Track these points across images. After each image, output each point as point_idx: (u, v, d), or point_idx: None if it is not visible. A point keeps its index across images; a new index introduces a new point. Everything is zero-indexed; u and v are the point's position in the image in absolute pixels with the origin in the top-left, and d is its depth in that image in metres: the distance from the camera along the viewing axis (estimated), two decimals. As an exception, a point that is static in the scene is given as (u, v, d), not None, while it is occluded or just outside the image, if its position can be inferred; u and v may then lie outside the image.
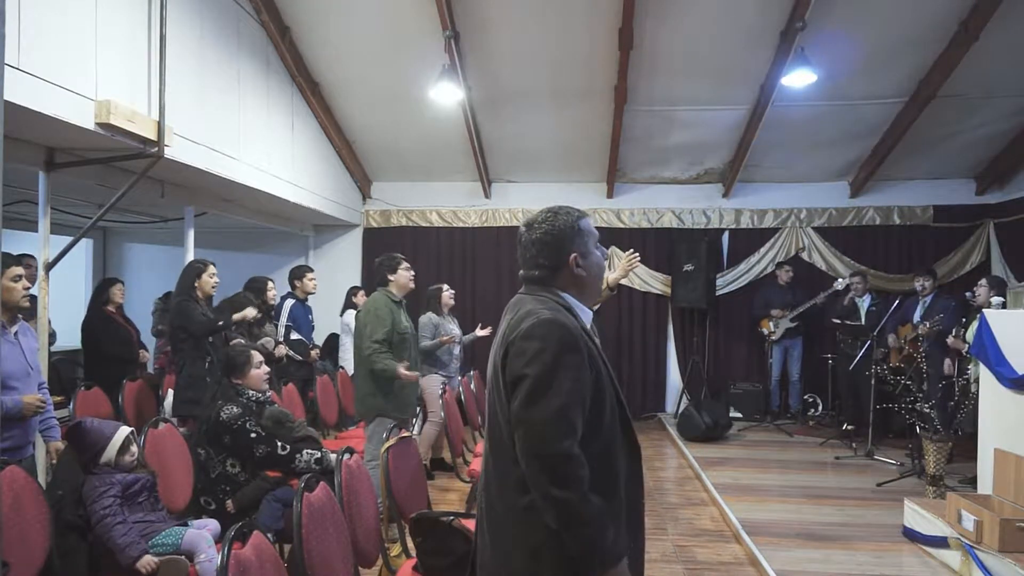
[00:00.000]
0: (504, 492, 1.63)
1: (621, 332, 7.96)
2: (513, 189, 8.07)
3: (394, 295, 4.27)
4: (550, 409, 1.51)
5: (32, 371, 3.14)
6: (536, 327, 1.59)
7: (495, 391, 1.66)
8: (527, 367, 1.55)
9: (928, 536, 3.89)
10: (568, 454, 1.50)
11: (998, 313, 4.19)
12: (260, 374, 3.47)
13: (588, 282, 1.77)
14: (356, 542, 2.61)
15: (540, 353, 1.55)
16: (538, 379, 1.53)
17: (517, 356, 1.58)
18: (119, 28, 3.73)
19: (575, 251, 1.74)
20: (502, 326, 1.72)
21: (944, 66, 5.75)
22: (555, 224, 1.74)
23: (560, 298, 1.71)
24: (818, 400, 7.41)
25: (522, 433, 1.54)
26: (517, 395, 1.56)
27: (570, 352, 1.57)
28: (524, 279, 1.79)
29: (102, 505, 2.69)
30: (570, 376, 1.55)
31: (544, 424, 1.51)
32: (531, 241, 1.76)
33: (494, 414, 1.67)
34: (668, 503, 5.00)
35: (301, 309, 5.91)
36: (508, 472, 1.61)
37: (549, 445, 1.50)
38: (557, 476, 1.49)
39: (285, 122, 6.06)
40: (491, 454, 1.70)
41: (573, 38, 5.74)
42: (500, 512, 1.65)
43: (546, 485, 1.49)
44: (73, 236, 4.11)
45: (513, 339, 1.61)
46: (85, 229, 4.27)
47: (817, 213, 7.80)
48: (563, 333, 1.58)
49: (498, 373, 1.64)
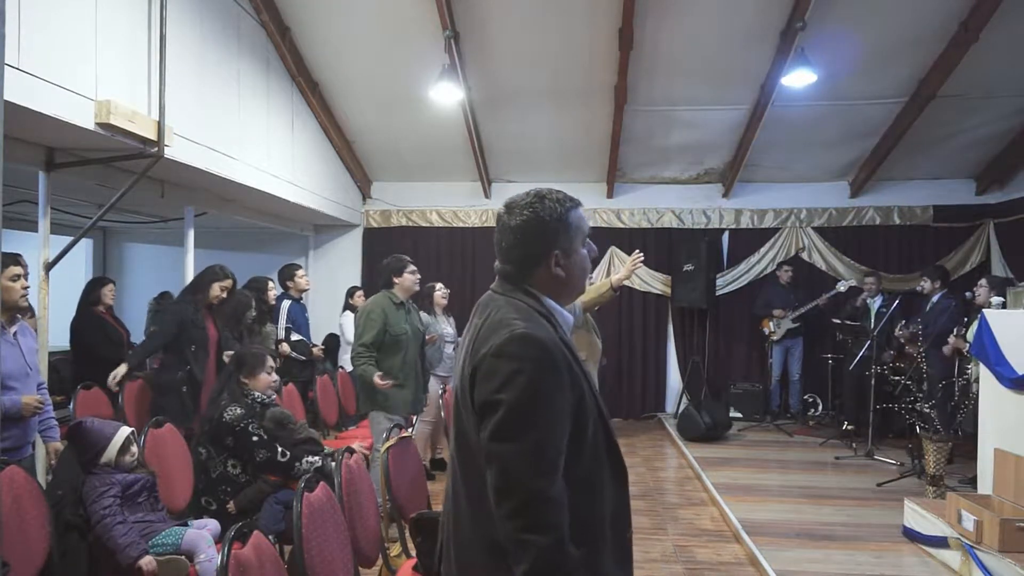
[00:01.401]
0: (479, 521, 1.42)
1: (621, 332, 7.96)
2: (513, 189, 7.88)
3: (396, 297, 4.31)
4: (526, 444, 1.30)
5: (31, 371, 3.14)
6: (509, 343, 1.35)
7: (463, 407, 1.44)
8: (499, 392, 1.33)
9: (928, 536, 3.89)
10: (546, 496, 1.30)
11: (998, 313, 4.19)
12: (268, 380, 3.50)
13: (566, 284, 1.52)
14: (356, 542, 2.61)
15: (514, 376, 1.32)
16: (512, 408, 1.31)
17: (487, 378, 1.35)
18: (119, 28, 3.73)
19: (558, 247, 1.48)
20: (470, 330, 1.50)
21: (944, 66, 5.74)
22: (538, 211, 1.47)
23: (538, 302, 1.48)
24: (818, 400, 7.42)
25: (495, 469, 1.33)
26: (488, 424, 1.34)
27: (549, 374, 1.34)
28: (497, 272, 1.55)
29: (102, 505, 2.69)
30: (549, 403, 1.33)
31: (519, 460, 1.30)
32: (508, 227, 1.49)
33: (462, 432, 1.44)
34: (668, 503, 5.00)
35: (298, 308, 5.92)
36: (483, 501, 1.38)
37: (524, 485, 1.30)
38: (531, 520, 1.29)
39: (285, 122, 6.06)
40: (461, 472, 1.47)
41: (573, 38, 5.74)
42: (471, 541, 1.44)
43: (519, 529, 1.29)
44: (73, 236, 4.11)
45: (484, 355, 1.37)
46: (85, 229, 4.27)
47: (817, 213, 7.80)
48: (541, 352, 1.35)
49: (464, 391, 1.42)
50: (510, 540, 1.31)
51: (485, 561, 1.40)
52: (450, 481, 1.54)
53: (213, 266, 4.53)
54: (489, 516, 1.37)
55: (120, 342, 5.21)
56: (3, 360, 2.94)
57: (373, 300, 4.32)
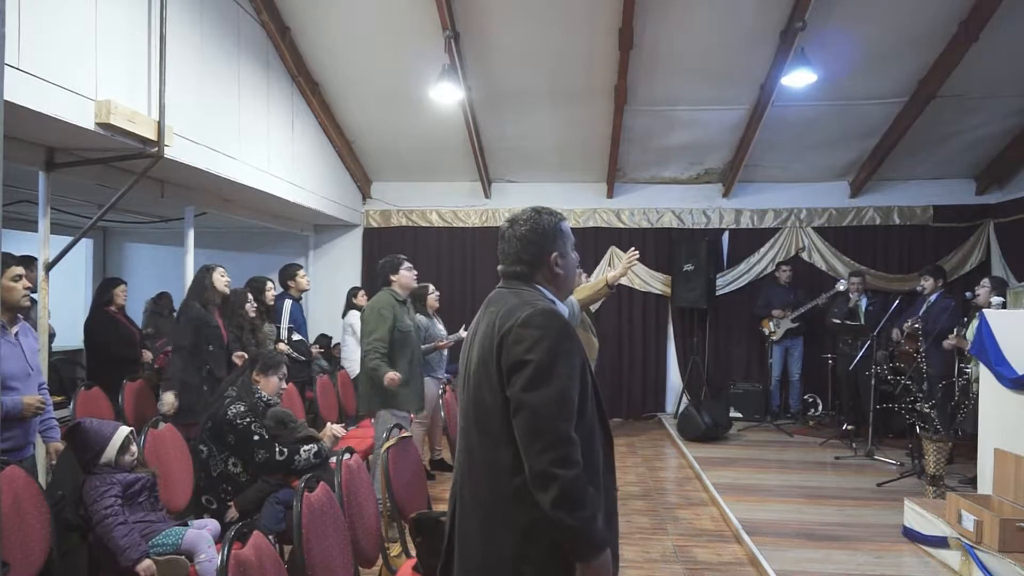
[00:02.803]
0: (494, 477, 1.67)
1: (621, 332, 7.96)
2: (513, 189, 8.07)
3: (398, 294, 4.33)
4: (552, 392, 1.57)
5: (32, 372, 3.13)
6: (535, 316, 1.64)
7: (484, 380, 1.69)
8: (528, 353, 1.60)
9: (928, 536, 3.89)
10: (569, 435, 1.56)
11: (998, 313, 4.19)
12: (278, 385, 3.53)
13: (563, 280, 1.86)
14: (356, 542, 2.61)
15: (540, 340, 1.60)
16: (540, 364, 1.58)
17: (517, 343, 1.62)
18: (119, 28, 3.73)
19: (555, 250, 1.82)
20: (486, 318, 1.76)
21: (944, 66, 5.74)
22: (539, 223, 1.82)
23: (543, 294, 1.79)
24: (818, 400, 7.42)
25: (525, 415, 1.57)
26: (517, 380, 1.60)
27: (568, 340, 1.64)
28: (504, 274, 1.86)
29: (104, 505, 2.69)
30: (569, 363, 1.61)
31: (547, 406, 1.56)
32: (514, 236, 1.82)
33: (480, 403, 1.70)
34: (668, 503, 5.00)
35: (297, 308, 5.92)
36: (499, 457, 1.65)
37: (553, 425, 1.55)
38: (559, 456, 1.53)
39: (285, 122, 6.06)
40: (477, 444, 1.72)
41: (573, 38, 5.74)
42: (488, 499, 1.68)
43: (547, 463, 1.53)
44: (73, 236, 4.10)
45: (510, 327, 1.65)
46: (85, 229, 4.27)
47: (817, 213, 7.80)
48: (560, 323, 1.66)
49: (487, 362, 1.68)
50: (539, 474, 1.54)
51: (503, 507, 1.64)
52: (463, 453, 1.78)
53: (203, 266, 4.59)
54: (500, 467, 1.64)
55: (132, 341, 5.25)
56: (4, 360, 2.93)
57: (379, 297, 4.33)
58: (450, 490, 1.87)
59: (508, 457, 1.63)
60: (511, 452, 1.62)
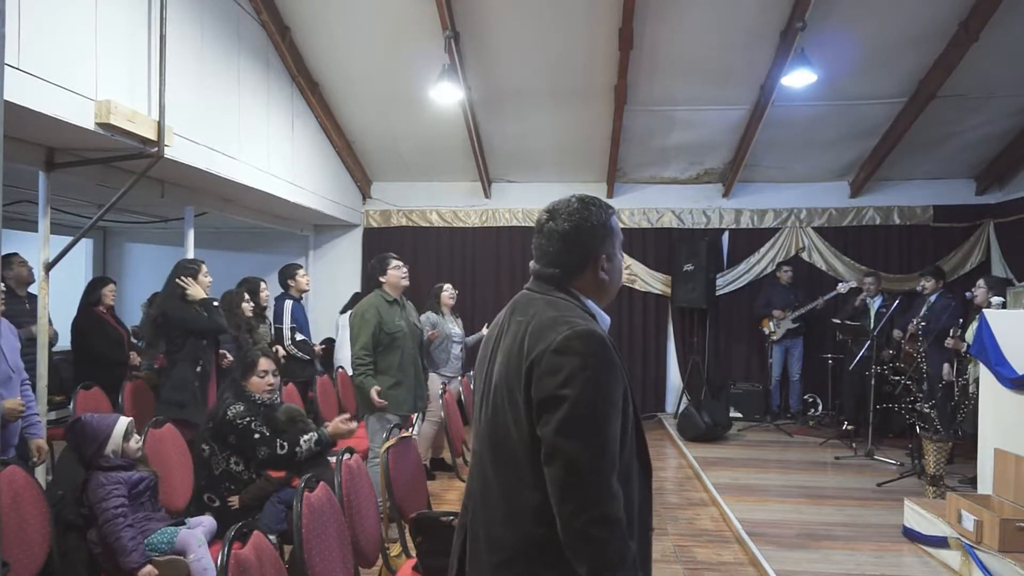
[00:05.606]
0: (515, 520, 1.43)
1: (621, 332, 7.95)
2: (513, 189, 8.07)
3: (388, 295, 4.29)
4: (593, 439, 1.33)
5: (14, 373, 3.04)
6: (572, 340, 1.37)
7: (507, 408, 1.44)
8: (564, 388, 1.34)
9: (928, 536, 3.89)
10: (611, 489, 1.33)
11: (998, 313, 4.20)
12: (261, 383, 3.42)
13: (609, 287, 1.58)
14: (356, 542, 2.61)
15: (578, 371, 1.34)
16: (577, 403, 1.33)
17: (550, 373, 1.36)
18: (119, 28, 3.73)
19: (604, 251, 1.53)
20: (511, 328, 1.51)
21: (944, 66, 5.74)
22: (587, 217, 1.51)
23: (582, 303, 1.52)
24: (818, 400, 7.42)
25: (560, 464, 1.33)
26: (551, 420, 1.35)
27: (608, 370, 1.37)
28: (536, 274, 1.56)
29: (112, 505, 2.68)
30: (610, 399, 1.36)
31: (586, 454, 1.32)
32: (555, 232, 1.52)
33: (501, 433, 1.45)
34: (668, 503, 5.00)
35: (299, 308, 5.92)
36: (523, 501, 1.41)
37: (593, 479, 1.32)
38: (599, 515, 1.31)
39: (285, 122, 6.06)
40: (494, 477, 1.48)
41: (573, 38, 5.74)
42: (508, 541, 1.44)
43: (585, 523, 1.31)
44: (73, 236, 4.10)
45: (541, 353, 1.39)
46: (85, 229, 4.26)
47: (817, 213, 7.80)
48: (601, 349, 1.38)
49: (513, 389, 1.43)
50: (576, 534, 1.32)
51: (525, 556, 1.41)
52: (477, 481, 1.54)
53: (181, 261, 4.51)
54: (524, 511, 1.40)
55: (120, 342, 5.21)
56: None
57: (366, 301, 4.31)
58: (459, 516, 1.62)
59: (535, 501, 1.39)
60: (539, 497, 1.38)
